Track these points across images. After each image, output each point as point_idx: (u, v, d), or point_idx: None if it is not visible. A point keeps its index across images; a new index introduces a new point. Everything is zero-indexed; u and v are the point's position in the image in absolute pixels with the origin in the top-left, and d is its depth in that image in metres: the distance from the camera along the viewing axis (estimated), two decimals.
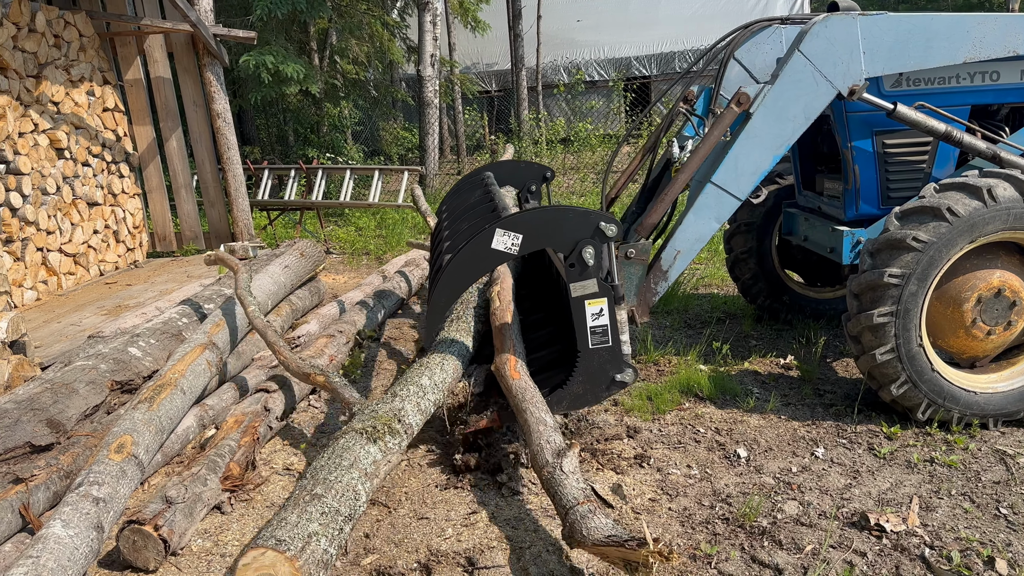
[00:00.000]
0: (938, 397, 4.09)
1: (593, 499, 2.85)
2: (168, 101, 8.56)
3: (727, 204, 4.24)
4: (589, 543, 2.64)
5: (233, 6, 13.05)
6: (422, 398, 3.56)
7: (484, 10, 16.70)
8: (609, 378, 3.87)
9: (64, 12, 7.41)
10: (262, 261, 6.62)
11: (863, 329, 4.06)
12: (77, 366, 4.37)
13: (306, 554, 2.43)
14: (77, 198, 7.38)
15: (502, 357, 3.93)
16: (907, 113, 4.26)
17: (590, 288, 3.75)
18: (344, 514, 2.69)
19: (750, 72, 4.79)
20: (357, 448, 2.99)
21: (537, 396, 3.59)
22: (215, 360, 4.42)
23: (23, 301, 6.52)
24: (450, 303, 3.94)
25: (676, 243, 4.21)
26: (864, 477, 3.76)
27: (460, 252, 3.74)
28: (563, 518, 2.83)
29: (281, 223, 11.12)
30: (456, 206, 5.39)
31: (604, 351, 3.82)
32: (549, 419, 3.39)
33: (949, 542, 3.20)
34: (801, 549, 3.19)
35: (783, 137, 4.22)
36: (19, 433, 3.66)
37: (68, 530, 2.79)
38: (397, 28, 15.61)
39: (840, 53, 4.13)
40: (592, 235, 3.69)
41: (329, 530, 2.58)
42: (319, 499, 2.67)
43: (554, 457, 3.09)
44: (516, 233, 3.67)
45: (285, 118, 15.11)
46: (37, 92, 6.89)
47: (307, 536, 2.49)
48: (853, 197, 4.78)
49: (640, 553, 2.43)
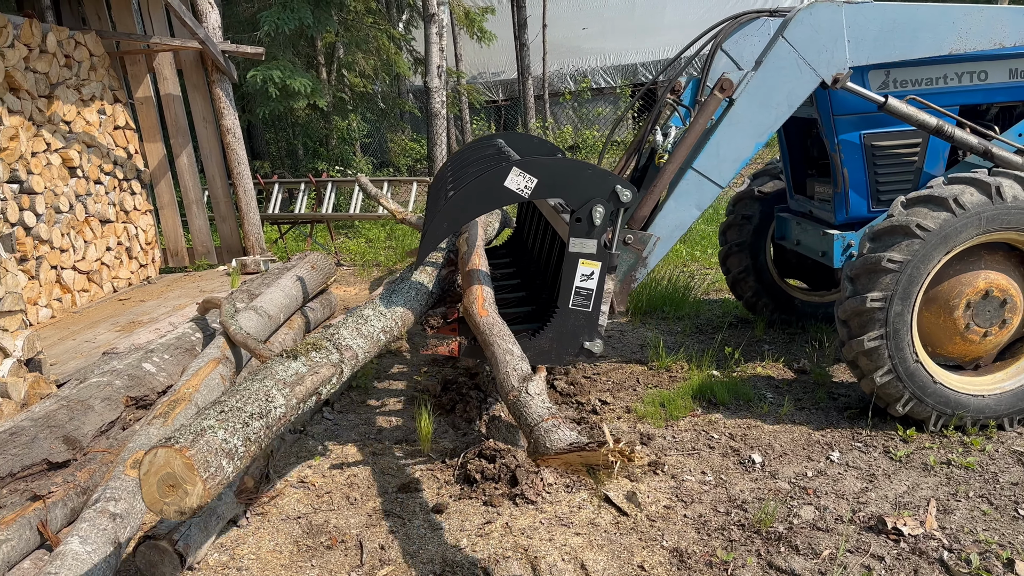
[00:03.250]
0: (946, 408, 4.07)
1: (558, 416, 2.81)
2: (178, 118, 8.64)
3: (708, 191, 4.22)
4: (552, 454, 2.59)
5: (241, 22, 13.14)
6: (363, 324, 3.53)
7: (490, 20, 16.76)
8: (579, 344, 3.84)
9: (74, 32, 7.49)
10: (274, 275, 6.66)
11: (857, 355, 4.05)
12: (92, 383, 4.41)
13: (199, 444, 2.36)
14: (90, 216, 7.44)
15: (470, 295, 3.89)
16: (898, 106, 4.23)
17: (589, 248, 3.74)
18: (250, 411, 2.60)
19: (737, 64, 4.80)
20: (275, 364, 2.96)
21: (505, 330, 3.54)
22: (229, 374, 4.44)
23: (38, 319, 6.58)
24: (450, 231, 3.85)
25: (656, 229, 4.19)
26: (880, 480, 3.74)
27: (471, 183, 3.71)
28: (528, 436, 2.79)
29: (292, 236, 11.17)
30: (464, 159, 5.35)
31: (582, 315, 3.80)
32: (516, 349, 3.35)
33: (968, 545, 3.18)
34: (818, 554, 3.17)
35: (765, 124, 4.20)
36: (36, 450, 3.68)
37: (86, 546, 2.81)
38: (403, 41, 15.69)
39: (824, 41, 4.11)
40: (608, 197, 3.68)
41: (228, 423, 2.50)
42: (218, 403, 2.61)
43: (520, 382, 3.06)
44: (532, 176, 3.66)
45: (294, 132, 15.19)
46: (49, 112, 6.96)
47: (200, 430, 2.42)
48: (843, 200, 4.75)
49: (600, 453, 2.39)
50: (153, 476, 2.32)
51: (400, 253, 9.97)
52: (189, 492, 2.31)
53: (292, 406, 2.83)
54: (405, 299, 3.98)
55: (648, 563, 3.17)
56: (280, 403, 2.77)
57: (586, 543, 3.32)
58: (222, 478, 2.40)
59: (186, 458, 2.30)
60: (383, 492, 3.87)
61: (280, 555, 3.36)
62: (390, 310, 3.82)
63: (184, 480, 2.31)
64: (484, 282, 4.09)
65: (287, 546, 3.43)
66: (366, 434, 4.58)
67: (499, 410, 4.57)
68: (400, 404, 5.03)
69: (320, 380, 3.06)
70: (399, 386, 5.38)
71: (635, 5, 20.25)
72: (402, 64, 14.82)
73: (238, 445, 2.49)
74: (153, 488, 2.32)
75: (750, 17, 4.80)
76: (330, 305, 6.82)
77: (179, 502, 2.32)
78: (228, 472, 2.43)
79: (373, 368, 5.57)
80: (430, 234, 3.81)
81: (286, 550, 3.40)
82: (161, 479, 2.32)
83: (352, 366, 3.32)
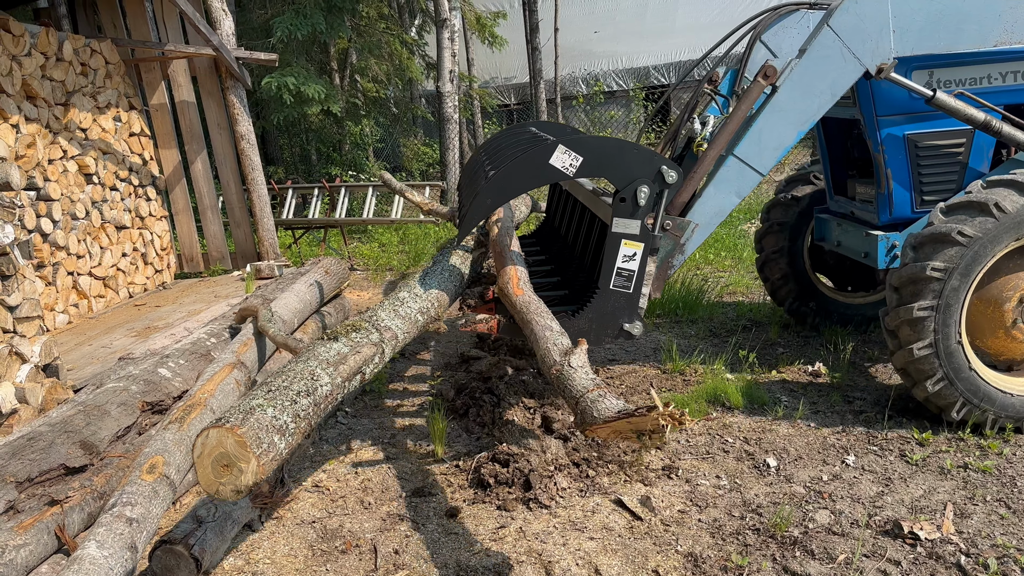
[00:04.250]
0: (973, 397, 4.03)
1: (603, 386, 2.79)
2: (193, 124, 8.70)
3: (749, 178, 4.21)
4: (601, 422, 2.58)
5: (254, 29, 13.23)
6: (401, 305, 3.56)
7: (501, 25, 16.80)
8: (619, 325, 3.83)
9: (90, 40, 7.57)
10: (288, 280, 6.69)
11: (902, 323, 4.02)
12: (109, 388, 4.44)
13: (250, 422, 2.37)
14: (106, 222, 7.50)
15: (504, 276, 3.89)
16: (947, 100, 4.20)
17: (632, 229, 3.72)
18: (297, 389, 2.62)
19: (775, 55, 4.81)
20: (317, 346, 2.99)
21: (542, 307, 3.54)
22: (243, 379, 4.46)
23: (55, 325, 6.64)
24: (493, 208, 3.82)
25: (695, 216, 4.16)
26: (896, 484, 3.71)
27: (516, 160, 3.69)
28: (574, 408, 2.79)
29: (306, 241, 11.22)
30: (499, 144, 5.36)
31: (622, 296, 3.79)
32: (555, 325, 3.35)
33: (985, 549, 3.15)
34: (834, 559, 3.15)
35: (808, 113, 4.19)
36: (53, 455, 3.71)
37: (103, 551, 2.82)
38: (415, 46, 15.75)
39: (869, 30, 4.10)
40: (653, 177, 3.67)
41: (277, 401, 2.52)
42: (264, 385, 2.63)
43: (562, 356, 3.05)
44: (578, 154, 3.65)
45: (308, 138, 15.27)
46: (65, 119, 7.03)
47: (250, 408, 2.44)
48: (886, 201, 4.73)
49: (650, 417, 2.39)
50: (207, 458, 2.35)
51: (413, 257, 10.00)
52: (244, 470, 2.34)
53: (337, 384, 2.87)
54: (439, 281, 4.00)
55: (663, 568, 3.16)
56: (325, 381, 2.80)
57: (600, 548, 3.31)
58: (275, 454, 2.42)
59: (238, 436, 2.33)
60: (397, 496, 3.88)
61: (295, 560, 3.38)
62: (426, 292, 3.84)
63: (238, 458, 2.33)
64: (518, 262, 4.10)
65: (302, 550, 3.44)
66: (380, 438, 4.60)
67: (512, 415, 4.57)
68: (414, 408, 5.04)
69: (362, 359, 3.09)
70: (413, 390, 5.39)
71: (647, 8, 20.23)
72: (414, 69, 14.87)
73: (288, 422, 2.51)
74: (208, 469, 2.35)
75: (789, 9, 4.81)
76: (344, 310, 6.84)
77: (234, 481, 2.34)
78: (281, 448, 2.45)
79: (387, 372, 5.59)
80: (473, 211, 3.77)
81: (301, 555, 3.41)
82: (215, 459, 2.34)
83: (392, 346, 3.35)
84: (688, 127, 4.71)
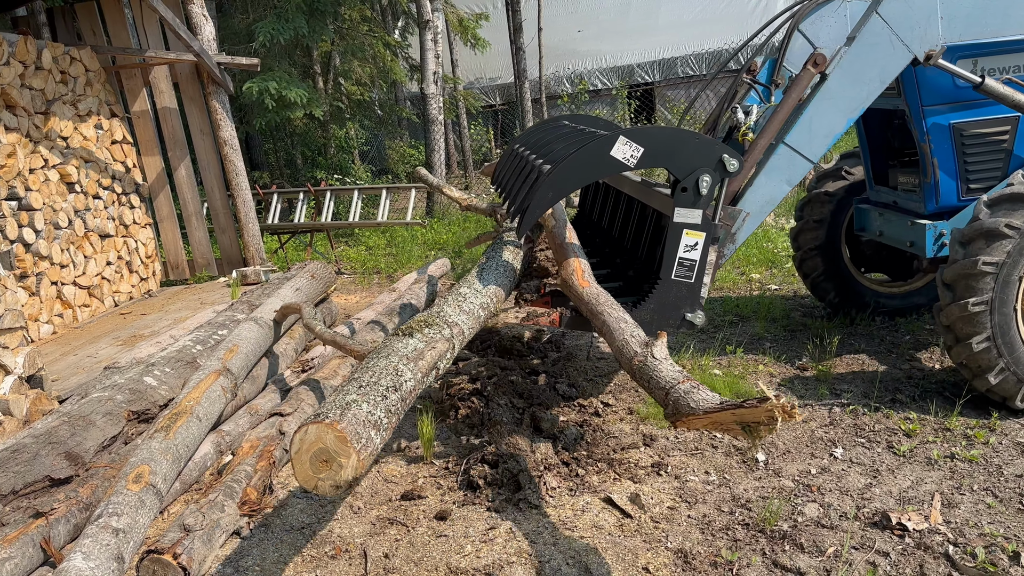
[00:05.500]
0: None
1: (692, 378, 2.80)
2: (175, 131, 8.65)
3: (799, 166, 4.22)
4: (700, 412, 2.57)
5: (236, 33, 13.16)
6: (463, 301, 3.64)
7: (484, 25, 16.78)
8: (680, 314, 3.85)
9: (69, 48, 7.51)
10: (274, 285, 6.66)
11: (956, 319, 4.06)
12: (94, 398, 4.41)
13: (348, 417, 2.43)
14: (89, 231, 7.45)
15: (568, 268, 3.90)
16: (995, 86, 4.24)
17: (693, 218, 3.73)
18: (385, 385, 2.70)
19: (813, 44, 4.82)
20: (394, 342, 3.07)
21: (611, 299, 3.57)
22: (230, 386, 4.44)
23: (39, 335, 6.58)
24: (555, 201, 3.81)
25: (746, 205, 4.16)
26: (884, 476, 3.72)
27: (576, 153, 3.67)
28: (663, 400, 2.78)
29: (292, 246, 11.18)
30: (543, 138, 5.33)
31: (684, 286, 3.80)
32: (628, 317, 3.38)
33: (973, 538, 3.17)
34: (823, 551, 3.16)
35: (858, 100, 4.21)
36: (38, 467, 3.69)
37: (89, 562, 2.80)
38: (399, 48, 15.71)
39: (918, 17, 4.13)
40: (714, 166, 3.68)
41: (369, 397, 2.59)
42: (354, 381, 2.70)
43: (642, 347, 3.06)
44: (639, 145, 3.64)
45: (292, 142, 15.21)
46: (46, 128, 6.98)
47: (345, 404, 2.50)
48: (933, 190, 4.76)
49: (762, 409, 2.37)
50: (305, 454, 2.37)
51: (400, 260, 9.97)
52: (344, 465, 2.35)
53: (419, 380, 2.92)
54: (496, 276, 4.05)
55: (653, 565, 3.16)
56: (408, 377, 2.85)
57: (590, 546, 3.31)
58: (372, 449, 2.45)
59: (338, 431, 2.35)
60: (386, 500, 3.86)
61: (284, 566, 3.36)
62: (485, 287, 3.88)
63: (338, 453, 2.35)
64: (579, 254, 4.10)
65: (291, 556, 3.42)
66: None
67: (501, 415, 4.56)
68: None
69: (438, 354, 3.15)
70: None
71: (630, 6, 20.27)
72: (398, 71, 14.84)
73: (382, 417, 2.56)
74: (306, 465, 2.37)
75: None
76: (331, 314, 6.83)
77: (334, 476, 2.37)
78: (376, 443, 2.48)
79: None
80: (534, 205, 3.73)
81: (290, 560, 3.39)
82: (314, 455, 2.37)
83: (460, 341, 3.40)
84: (730, 116, 4.73)
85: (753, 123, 4.48)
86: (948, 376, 4.80)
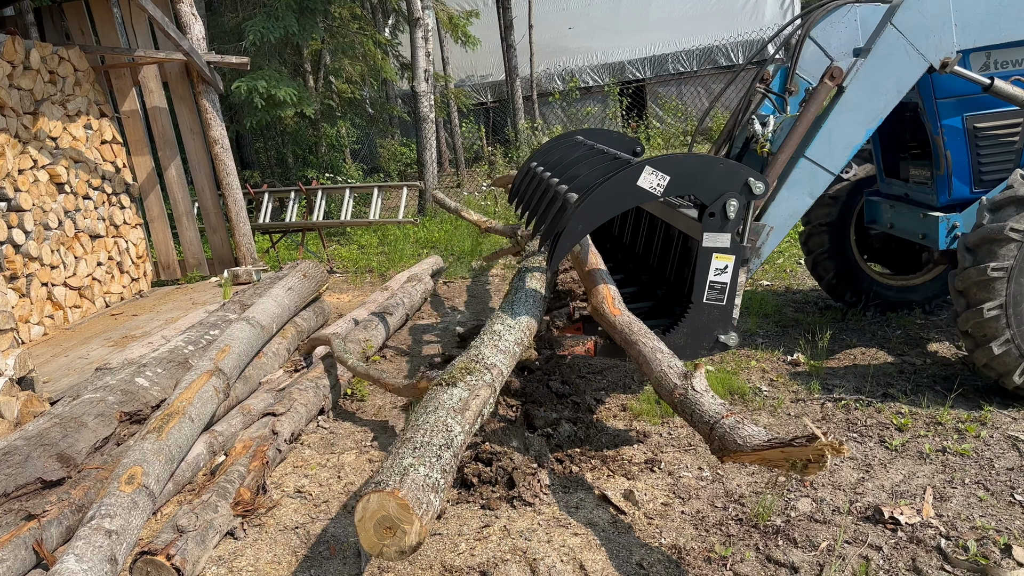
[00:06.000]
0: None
1: (735, 411, 2.84)
2: (165, 130, 8.62)
3: (821, 179, 4.24)
4: (748, 450, 2.62)
5: (226, 32, 13.11)
6: (499, 340, 3.65)
7: (476, 23, 16.76)
8: (713, 337, 3.89)
9: (58, 48, 7.47)
10: (266, 284, 6.65)
11: (972, 283, 4.09)
12: (85, 399, 4.39)
13: (407, 483, 2.47)
14: (79, 231, 7.42)
15: (598, 296, 3.93)
16: (1004, 88, 4.27)
17: (722, 242, 3.76)
18: (438, 444, 2.74)
19: (825, 51, 4.88)
20: (439, 393, 3.09)
21: (645, 328, 3.60)
22: (222, 386, 4.43)
23: (30, 337, 6.55)
24: (584, 233, 3.84)
25: (769, 219, 4.18)
26: (876, 470, 3.74)
27: (603, 185, 3.70)
28: (708, 435, 2.82)
29: (284, 245, 11.15)
30: (558, 159, 5.40)
31: (716, 309, 3.84)
32: (663, 346, 3.42)
33: (965, 531, 3.18)
34: (816, 546, 3.17)
35: (876, 111, 4.24)
36: (30, 469, 3.67)
37: (82, 564, 2.80)
38: (389, 46, 15.67)
39: (932, 26, 4.15)
40: (740, 189, 3.71)
41: (425, 459, 2.63)
42: (408, 441, 2.74)
43: (682, 379, 3.09)
44: (664, 174, 3.67)
45: (283, 141, 15.16)
46: (35, 128, 6.94)
47: (403, 469, 2.55)
48: (945, 182, 4.79)
49: (811, 448, 2.41)
50: (368, 521, 2.43)
51: (392, 258, 9.96)
52: (407, 531, 2.42)
53: (467, 431, 2.98)
54: (527, 308, 4.06)
55: (647, 561, 3.16)
56: (458, 431, 2.90)
57: (584, 543, 3.31)
58: (432, 512, 2.51)
59: (399, 499, 2.41)
60: None
61: (278, 566, 3.35)
62: (516, 321, 3.90)
63: (401, 520, 2.41)
64: (608, 280, 4.13)
65: (285, 556, 3.42)
66: (362, 441, 4.58)
67: (493, 413, 4.57)
68: (395, 410, 5.03)
69: (482, 402, 3.20)
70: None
71: (620, 3, 20.27)
72: (389, 69, 14.81)
73: (439, 479, 2.62)
74: (371, 532, 2.43)
75: (836, 5, 4.88)
76: (323, 313, 6.81)
77: (398, 542, 2.43)
78: (436, 506, 2.54)
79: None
80: (565, 238, 3.75)
81: (284, 561, 3.39)
82: (377, 523, 2.43)
83: (500, 382, 3.44)
84: (744, 126, 4.77)
85: (771, 134, 4.52)
86: (940, 371, 4.82)
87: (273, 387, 5.05)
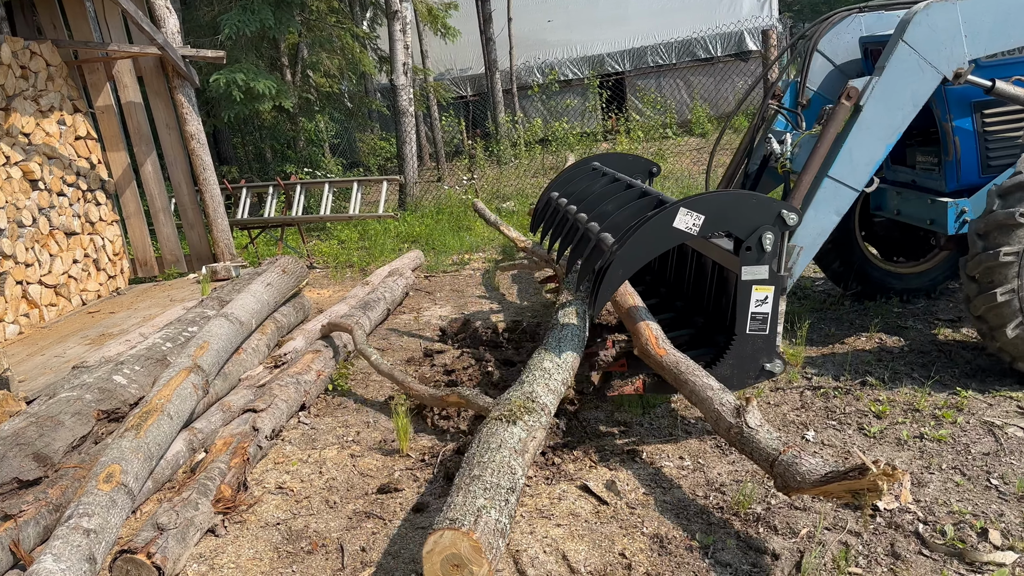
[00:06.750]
0: None
1: (791, 444, 2.91)
2: (140, 125, 8.51)
3: (845, 196, 4.29)
4: (808, 486, 2.68)
5: (201, 26, 12.95)
6: (549, 379, 3.78)
7: (454, 16, 16.69)
8: (759, 366, 3.97)
9: (30, 42, 7.36)
10: (244, 280, 6.59)
11: (985, 268, 4.12)
12: (62, 398, 4.34)
13: (480, 525, 2.54)
14: (54, 229, 7.32)
15: (641, 336, 4.03)
16: (1006, 89, 4.33)
17: (761, 274, 3.83)
18: (505, 487, 2.83)
19: (832, 61, 4.99)
20: (501, 431, 3.19)
21: (692, 365, 3.70)
22: (201, 383, 4.39)
23: (5, 336, 6.47)
24: (624, 277, 3.92)
25: (799, 240, 4.22)
26: (855, 458, 3.77)
27: (640, 228, 3.78)
28: (768, 471, 2.93)
29: (263, 241, 11.07)
30: (582, 191, 5.48)
31: (759, 339, 3.92)
32: (713, 383, 3.51)
33: (942, 516, 3.22)
34: (796, 533, 3.20)
35: (894, 126, 4.29)
36: (6, 469, 3.62)
37: (60, 564, 2.77)
38: (367, 39, 15.58)
39: (942, 39, 4.20)
40: (773, 222, 3.78)
41: (496, 502, 2.71)
42: (478, 479, 2.82)
43: (735, 417, 3.17)
44: (699, 213, 3.74)
45: (261, 135, 15.03)
46: (7, 124, 6.84)
47: (477, 510, 2.62)
48: (954, 169, 4.83)
49: (866, 480, 2.46)
50: (437, 556, 2.48)
51: (373, 253, 9.92)
52: (475, 572, 2.47)
53: (525, 472, 3.11)
54: (572, 345, 4.18)
55: (629, 550, 3.18)
56: (520, 473, 3.03)
57: (567, 534, 3.32)
58: (498, 554, 2.60)
59: (474, 541, 2.48)
60: (363, 494, 3.85)
61: (260, 562, 3.34)
62: (562, 358, 4.03)
63: (470, 561, 2.47)
64: (648, 318, 4.20)
65: (267, 553, 3.40)
66: (344, 437, 4.56)
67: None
68: (377, 405, 5.01)
69: (538, 444, 3.37)
70: (375, 387, 5.35)
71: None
72: (367, 63, 14.71)
73: (506, 523, 2.70)
74: (436, 566, 2.49)
75: (840, 16, 5.01)
76: (303, 308, 6.77)
77: None
78: (501, 549, 2.66)
79: (348, 371, 5.54)
80: (606, 285, 3.85)
81: (266, 557, 3.37)
82: (445, 559, 2.48)
83: (548, 422, 3.56)
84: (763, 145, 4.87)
85: (789, 152, 4.57)
86: (917, 358, 4.87)
87: (253, 383, 5.01)
